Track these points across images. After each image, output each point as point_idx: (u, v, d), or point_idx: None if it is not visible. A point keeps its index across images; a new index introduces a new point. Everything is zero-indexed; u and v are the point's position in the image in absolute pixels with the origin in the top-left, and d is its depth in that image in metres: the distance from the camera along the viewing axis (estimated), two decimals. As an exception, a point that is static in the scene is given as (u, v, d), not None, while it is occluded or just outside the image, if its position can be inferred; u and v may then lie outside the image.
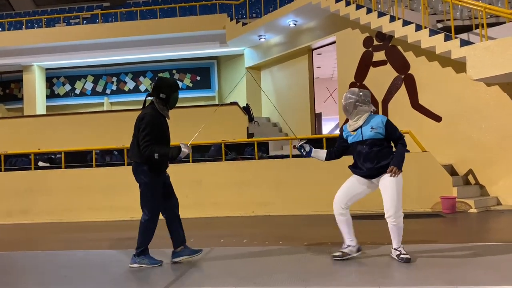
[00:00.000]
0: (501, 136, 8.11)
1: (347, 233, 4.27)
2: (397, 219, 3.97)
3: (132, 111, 12.90)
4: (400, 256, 3.99)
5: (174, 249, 4.40)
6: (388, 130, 4.08)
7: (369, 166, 4.07)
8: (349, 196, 4.23)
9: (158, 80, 4.31)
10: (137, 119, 4.20)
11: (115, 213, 8.64)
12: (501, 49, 7.05)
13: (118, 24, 14.93)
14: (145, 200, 4.21)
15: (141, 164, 4.14)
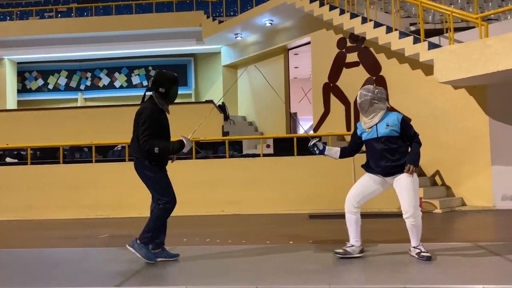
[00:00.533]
0: (467, 138, 8.29)
1: (354, 233, 4.22)
2: (415, 219, 3.95)
3: (107, 107, 12.74)
4: (421, 254, 3.98)
5: (152, 249, 4.27)
6: (403, 128, 4.02)
7: (384, 164, 4.01)
8: (362, 195, 4.16)
9: (157, 74, 4.20)
10: (136, 114, 4.09)
11: (81, 211, 8.49)
12: (466, 53, 7.20)
13: (93, 19, 14.68)
14: (156, 193, 4.08)
15: (142, 160, 4.06)
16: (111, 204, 8.54)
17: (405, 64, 9.04)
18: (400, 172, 4.01)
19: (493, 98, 8.03)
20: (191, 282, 3.51)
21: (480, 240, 4.96)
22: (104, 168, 8.90)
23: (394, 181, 4.08)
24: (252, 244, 5.18)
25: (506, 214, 7.30)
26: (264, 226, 6.82)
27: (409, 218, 3.98)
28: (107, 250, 5.08)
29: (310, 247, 4.86)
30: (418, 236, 4.06)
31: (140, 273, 3.89)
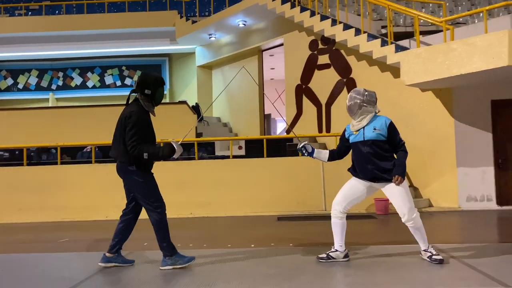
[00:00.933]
0: (434, 140, 8.40)
1: (339, 238, 4.17)
2: (414, 220, 3.93)
3: (79, 108, 12.47)
4: (433, 257, 3.95)
5: (108, 252, 4.18)
6: (390, 133, 3.98)
7: (369, 168, 3.96)
8: (349, 200, 4.12)
9: (142, 76, 4.10)
10: (122, 117, 3.98)
11: (46, 214, 8.27)
12: (431, 56, 7.28)
13: (65, 17, 14.37)
14: (147, 198, 3.99)
15: (129, 165, 3.95)
16: (77, 207, 8.34)
17: (374, 66, 9.11)
18: (387, 180, 3.97)
19: (458, 101, 8.16)
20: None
21: (440, 242, 5.01)
22: (70, 170, 8.69)
23: (383, 188, 4.04)
24: (213, 248, 5.12)
25: (470, 215, 7.42)
26: (230, 229, 6.76)
27: (407, 221, 3.96)
28: (62, 255, 4.94)
29: (271, 250, 4.82)
30: (424, 238, 4.04)
31: (91, 279, 3.79)
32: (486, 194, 8.04)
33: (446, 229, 6.41)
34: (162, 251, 4.08)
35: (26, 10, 16.22)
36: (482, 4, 13.30)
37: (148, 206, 4.01)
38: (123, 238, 4.21)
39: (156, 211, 4.00)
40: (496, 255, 4.24)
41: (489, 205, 8.02)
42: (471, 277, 3.51)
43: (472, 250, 4.50)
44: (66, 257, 4.82)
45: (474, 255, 4.24)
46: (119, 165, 4.04)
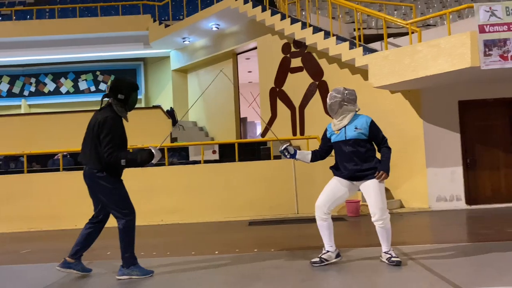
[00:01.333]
0: (404, 141, 8.45)
1: (328, 238, 4.13)
2: (384, 221, 3.92)
3: (53, 114, 12.23)
4: (391, 259, 3.94)
5: (69, 257, 4.06)
6: (372, 131, 3.99)
7: (351, 167, 3.96)
8: (331, 200, 4.08)
9: (115, 80, 4.03)
10: (95, 123, 3.87)
11: (12, 224, 8.06)
12: (398, 58, 7.34)
13: (36, 22, 14.12)
14: (116, 206, 3.89)
15: (99, 171, 3.85)
16: (45, 216, 8.15)
17: (345, 69, 9.15)
18: (368, 177, 3.97)
19: (427, 102, 8.25)
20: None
21: (401, 244, 5.03)
22: (38, 178, 8.50)
23: (361, 185, 4.04)
24: (176, 256, 5.03)
25: (439, 215, 7.49)
26: (198, 235, 6.67)
27: (377, 221, 3.95)
28: (18, 268, 4.80)
29: (233, 257, 4.76)
30: (388, 240, 4.04)
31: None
32: (455, 194, 8.14)
33: (413, 230, 6.45)
34: (123, 259, 3.98)
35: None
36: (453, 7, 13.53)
37: (117, 213, 3.91)
38: (86, 245, 4.11)
39: (125, 219, 3.91)
40: (455, 255, 4.27)
41: (458, 204, 8.11)
42: (424, 279, 3.51)
43: (432, 251, 4.52)
44: (23, 269, 4.68)
45: (433, 256, 4.25)
46: (88, 171, 3.93)
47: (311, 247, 5.05)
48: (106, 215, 4.10)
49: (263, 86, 11.20)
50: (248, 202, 8.18)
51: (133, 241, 3.99)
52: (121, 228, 3.93)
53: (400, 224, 6.94)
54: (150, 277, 3.99)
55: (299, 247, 5.04)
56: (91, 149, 3.90)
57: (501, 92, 8.15)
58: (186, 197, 8.26)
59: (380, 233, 4.03)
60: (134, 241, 4.00)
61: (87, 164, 3.94)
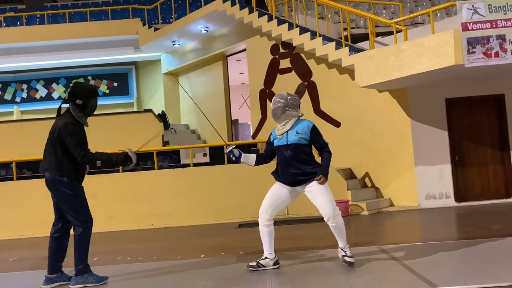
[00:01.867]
0: (392, 140, 8.49)
1: (268, 245, 4.15)
2: (336, 219, 3.93)
3: (45, 120, 12.20)
4: (344, 258, 3.97)
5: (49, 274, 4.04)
6: (312, 136, 4.02)
7: (291, 171, 3.98)
8: (274, 205, 4.11)
9: (73, 86, 4.03)
10: (55, 128, 3.89)
11: (2, 232, 8.06)
12: (383, 58, 7.37)
13: (27, 28, 14.09)
14: (74, 212, 3.90)
15: (60, 176, 3.86)
16: (35, 223, 8.13)
17: (333, 69, 9.17)
18: (308, 181, 4.00)
19: (413, 101, 8.27)
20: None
21: (386, 243, 5.05)
22: (27, 185, 8.49)
23: (304, 189, 4.06)
24: (162, 260, 5.04)
25: (428, 213, 7.52)
26: (186, 239, 6.69)
27: (329, 220, 3.96)
28: (5, 276, 4.80)
29: (217, 260, 4.77)
30: (343, 237, 4.05)
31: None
32: (444, 192, 8.16)
33: (400, 228, 6.48)
34: (76, 267, 3.97)
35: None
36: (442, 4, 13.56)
37: (74, 220, 3.92)
38: (59, 258, 4.09)
39: (82, 226, 3.93)
40: (437, 254, 4.28)
41: (447, 202, 8.14)
42: (403, 279, 3.53)
43: (416, 250, 4.54)
44: (7, 278, 4.68)
45: (414, 255, 4.27)
46: (49, 177, 3.94)
47: (299, 248, 5.08)
48: (67, 221, 4.05)
49: (253, 87, 11.21)
50: (238, 204, 8.19)
51: (87, 249, 4.00)
52: (77, 235, 3.94)
53: (388, 223, 6.98)
54: (134, 281, 3.99)
55: (287, 249, 5.05)
56: (51, 154, 3.92)
57: (488, 89, 8.18)
58: (176, 200, 8.26)
59: (335, 232, 4.05)
60: (88, 249, 4.00)
61: (48, 170, 3.94)
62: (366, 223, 7.01)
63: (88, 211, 4.02)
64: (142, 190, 8.27)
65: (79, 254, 3.96)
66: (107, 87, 15.16)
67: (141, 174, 8.48)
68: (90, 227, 4.00)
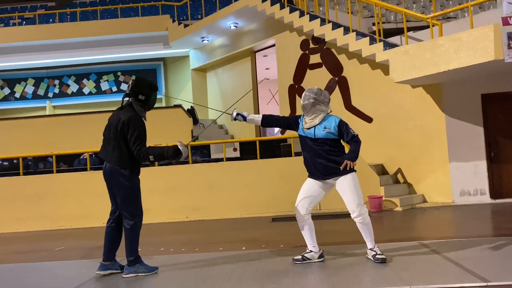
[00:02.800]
0: (425, 135, 8.43)
1: (310, 238, 4.25)
2: (362, 216, 4.00)
3: (76, 115, 12.54)
4: (376, 256, 4.02)
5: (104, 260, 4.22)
6: (340, 131, 4.08)
7: (320, 162, 4.07)
8: (309, 201, 4.20)
9: (136, 81, 4.17)
10: (119, 122, 4.02)
11: (43, 223, 8.36)
12: (419, 53, 7.32)
13: (59, 25, 14.44)
14: (129, 204, 4.06)
15: (121, 168, 4.01)
16: (73, 214, 8.42)
17: (365, 64, 9.14)
18: (339, 173, 4.06)
19: (448, 96, 8.19)
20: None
21: (426, 238, 5.07)
22: (66, 178, 8.77)
23: (336, 183, 4.13)
24: (205, 251, 5.17)
25: (462, 209, 7.46)
26: (224, 232, 6.82)
27: (356, 217, 4.03)
28: (56, 264, 5.02)
29: (260, 252, 4.87)
30: (371, 236, 4.11)
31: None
32: (479, 188, 8.07)
33: (436, 224, 6.45)
34: (128, 258, 4.13)
35: (20, 20, 16.33)
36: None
37: (126, 213, 4.07)
38: (114, 246, 4.26)
39: (134, 219, 4.08)
40: (481, 249, 4.28)
41: (482, 199, 8.04)
42: (452, 273, 3.55)
43: (458, 245, 4.54)
44: (60, 266, 4.89)
45: (459, 250, 4.28)
46: (109, 168, 4.07)
47: (335, 243, 5.13)
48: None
49: (282, 83, 11.26)
50: (270, 198, 8.28)
51: (137, 241, 4.15)
52: (128, 228, 4.08)
53: (424, 218, 6.96)
54: (181, 272, 4.13)
55: (323, 243, 5.09)
56: (114, 147, 4.05)
57: (525, 84, 8.03)
58: (210, 194, 8.41)
59: (362, 229, 4.11)
60: (138, 240, 4.15)
61: (109, 162, 4.07)
62: (402, 219, 7.01)
63: (140, 204, 4.16)
64: (177, 183, 8.44)
65: (130, 245, 4.11)
66: (136, 83, 15.40)
67: (175, 168, 8.65)
68: (140, 220, 4.15)
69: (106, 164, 4.12)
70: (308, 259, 4.21)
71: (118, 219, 4.21)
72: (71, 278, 4.23)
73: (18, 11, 18.86)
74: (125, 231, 4.12)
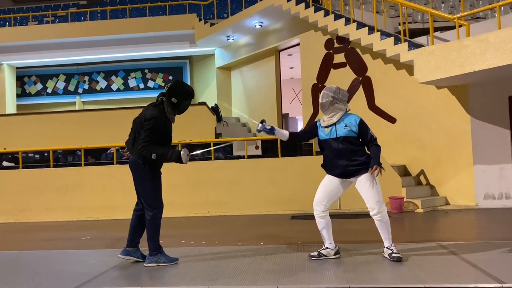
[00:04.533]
0: (449, 137, 8.33)
1: (326, 235, 4.33)
2: (381, 213, 4.05)
3: (104, 110, 12.96)
4: (392, 255, 4.07)
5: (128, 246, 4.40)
6: (360, 130, 4.12)
7: (343, 163, 4.10)
8: (327, 198, 4.25)
9: (174, 84, 4.24)
10: (142, 117, 4.17)
11: (71, 213, 8.70)
12: (444, 53, 7.24)
13: (89, 23, 14.90)
14: (148, 197, 4.21)
15: (140, 162, 4.16)
16: (100, 206, 8.73)
17: (389, 64, 9.09)
18: (360, 172, 4.10)
19: (474, 98, 8.06)
20: (148, 283, 3.65)
21: (445, 240, 5.04)
22: (93, 171, 9.09)
23: (356, 181, 4.17)
24: (224, 245, 5.31)
25: (485, 213, 7.34)
26: (243, 227, 6.95)
27: (376, 215, 4.07)
28: (83, 252, 5.25)
29: (278, 247, 4.97)
30: (389, 235, 4.15)
31: (104, 274, 4.05)
32: (505, 192, 7.92)
33: (457, 227, 6.39)
34: (149, 248, 4.29)
35: (53, 18, 16.91)
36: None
37: (147, 205, 4.22)
38: (138, 234, 4.44)
39: (153, 211, 4.22)
40: (501, 252, 4.25)
41: (507, 202, 7.89)
42: (468, 274, 3.56)
43: (477, 247, 4.52)
44: (86, 254, 5.12)
45: (478, 252, 4.26)
46: (133, 160, 4.25)
47: (354, 241, 5.18)
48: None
49: (305, 82, 11.30)
50: (290, 196, 8.36)
51: (158, 232, 4.28)
52: (148, 219, 4.23)
53: (446, 221, 6.90)
54: (201, 263, 4.27)
55: (342, 241, 5.15)
56: (134, 139, 4.21)
57: (556, 87, 7.83)
58: (231, 190, 8.55)
59: (380, 227, 4.13)
60: (159, 231, 4.29)
61: (132, 154, 4.23)
62: (422, 220, 6.96)
63: (160, 197, 4.30)
64: (200, 179, 8.63)
65: (151, 236, 4.28)
66: (162, 80, 15.76)
67: (198, 164, 8.83)
68: (160, 212, 4.29)
69: (130, 156, 4.30)
70: (324, 255, 4.28)
71: (142, 209, 4.37)
72: (96, 265, 4.44)
73: (51, 9, 19.54)
74: (146, 222, 4.28)
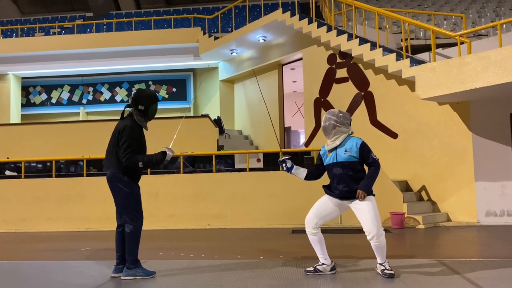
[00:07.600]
0: (451, 153, 8.33)
1: (320, 252, 4.33)
2: (378, 239, 4.01)
3: (108, 121, 13.03)
4: (385, 271, 4.07)
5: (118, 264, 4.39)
6: (361, 153, 4.12)
7: (342, 189, 4.10)
8: (320, 216, 4.25)
9: (136, 92, 4.36)
10: (116, 130, 4.26)
11: (71, 224, 8.70)
12: (445, 70, 7.29)
13: (95, 35, 15.09)
14: (128, 210, 4.24)
15: (119, 175, 4.20)
16: (101, 217, 8.72)
17: (391, 80, 9.15)
18: (355, 197, 4.11)
19: (476, 114, 8.09)
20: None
21: (446, 257, 5.02)
22: (95, 181, 9.10)
23: (351, 204, 4.17)
24: (223, 258, 5.29)
25: (487, 230, 7.30)
26: (244, 241, 6.92)
27: (372, 239, 4.04)
28: (81, 263, 5.24)
29: (278, 262, 4.95)
30: (383, 254, 4.14)
31: (103, 286, 4.04)
32: (506, 209, 7.89)
33: (458, 244, 6.35)
34: (127, 261, 4.28)
35: (60, 29, 17.14)
36: (508, 15, 13.10)
37: (127, 218, 4.23)
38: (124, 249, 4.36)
39: (132, 224, 4.23)
40: (501, 270, 4.23)
41: (509, 220, 7.86)
42: (467, 292, 3.54)
43: (477, 265, 4.49)
44: (86, 265, 5.11)
45: (478, 270, 4.24)
46: (110, 174, 4.28)
47: (354, 257, 5.15)
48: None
49: (308, 96, 11.36)
50: (291, 210, 8.34)
51: (138, 245, 4.29)
52: (128, 232, 4.23)
53: (447, 237, 6.86)
54: (201, 277, 4.26)
55: (342, 256, 5.15)
56: (112, 154, 4.24)
57: (557, 105, 7.85)
58: (232, 203, 8.55)
59: (376, 249, 4.11)
60: (138, 245, 4.30)
61: (109, 168, 4.27)
62: (423, 237, 6.93)
63: (140, 210, 4.30)
64: (200, 191, 8.63)
65: (130, 249, 4.26)
66: (166, 92, 15.87)
67: (199, 176, 8.84)
68: (140, 225, 4.30)
69: (108, 171, 4.31)
70: (320, 271, 4.27)
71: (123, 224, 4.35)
72: (95, 277, 4.43)
73: (58, 21, 19.81)
74: (126, 235, 4.26)
